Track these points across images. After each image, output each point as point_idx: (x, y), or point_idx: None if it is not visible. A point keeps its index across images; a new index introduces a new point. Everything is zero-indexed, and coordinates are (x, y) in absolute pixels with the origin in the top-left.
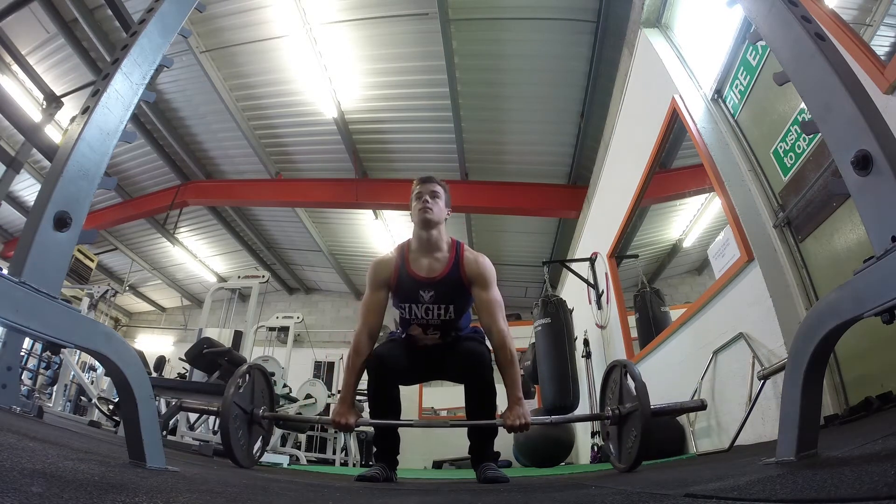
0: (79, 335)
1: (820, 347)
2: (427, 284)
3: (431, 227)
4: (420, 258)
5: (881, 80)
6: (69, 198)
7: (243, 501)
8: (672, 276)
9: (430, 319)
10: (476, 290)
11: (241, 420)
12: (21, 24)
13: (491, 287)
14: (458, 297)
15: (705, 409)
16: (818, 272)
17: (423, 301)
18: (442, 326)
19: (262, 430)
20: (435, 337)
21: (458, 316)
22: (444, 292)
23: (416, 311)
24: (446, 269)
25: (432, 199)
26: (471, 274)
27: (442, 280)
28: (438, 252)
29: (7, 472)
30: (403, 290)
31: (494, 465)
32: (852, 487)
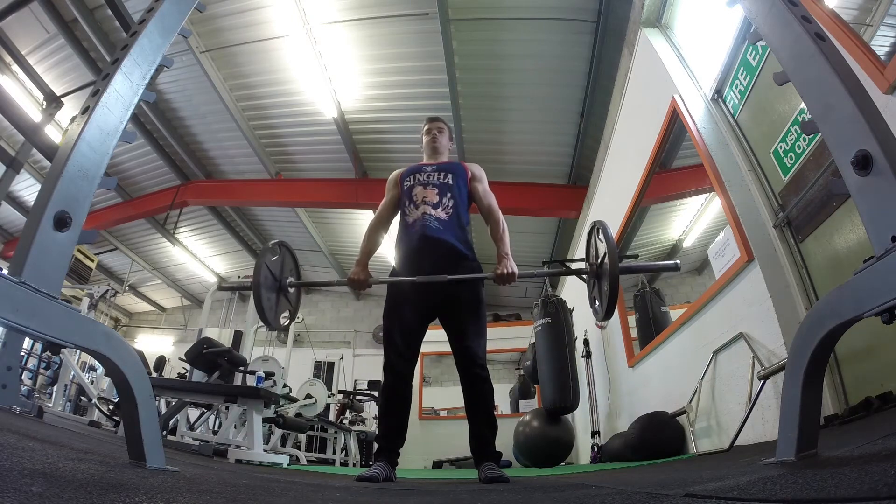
0: (79, 335)
1: (820, 347)
2: (431, 165)
3: (438, 152)
4: (428, 159)
5: (881, 80)
6: (69, 198)
7: (243, 501)
8: (672, 275)
9: (431, 180)
10: (474, 184)
11: (271, 286)
12: (21, 24)
13: (485, 181)
14: (457, 175)
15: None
16: (818, 272)
17: (426, 171)
18: (441, 186)
19: (287, 303)
20: (433, 193)
21: (455, 186)
22: (446, 168)
23: (419, 177)
24: (449, 161)
25: (439, 133)
26: (471, 170)
27: (445, 164)
28: (443, 157)
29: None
30: (410, 171)
31: (496, 465)
32: (852, 487)
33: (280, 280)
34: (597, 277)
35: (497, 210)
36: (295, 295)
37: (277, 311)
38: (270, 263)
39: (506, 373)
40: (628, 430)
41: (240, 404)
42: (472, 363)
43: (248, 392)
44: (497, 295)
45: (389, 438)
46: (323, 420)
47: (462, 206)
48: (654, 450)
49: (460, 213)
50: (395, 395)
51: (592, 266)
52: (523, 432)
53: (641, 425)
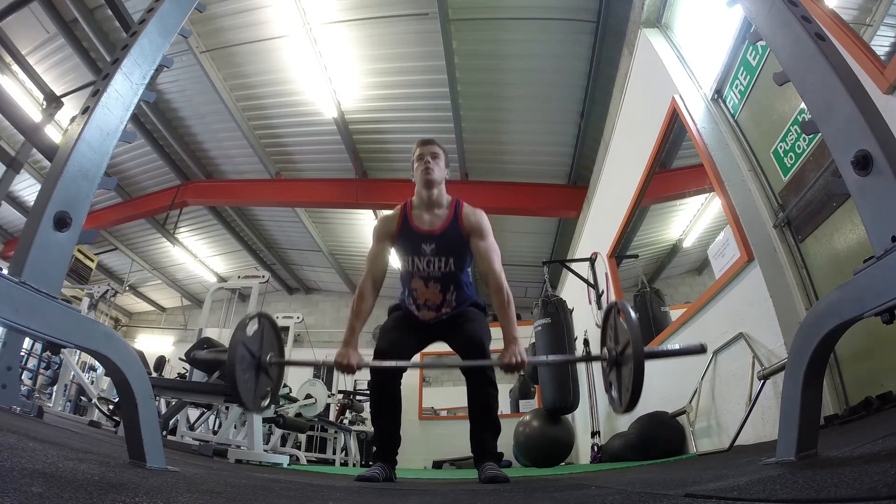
0: (79, 335)
1: (820, 347)
2: (428, 237)
3: (433, 186)
4: (422, 214)
5: (881, 80)
6: (69, 198)
7: (243, 501)
8: (672, 276)
9: (432, 272)
10: (474, 240)
11: (249, 364)
12: (21, 24)
13: (487, 236)
14: (458, 250)
15: (705, 352)
16: (818, 272)
17: (425, 254)
18: (443, 279)
19: (269, 381)
20: (436, 291)
21: (457, 269)
22: (445, 245)
23: (419, 264)
24: (446, 223)
25: (433, 160)
26: (469, 226)
27: (442, 233)
28: (439, 209)
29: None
30: (406, 243)
31: (496, 465)
32: (852, 487)
33: (259, 357)
34: (616, 365)
35: (499, 275)
36: (276, 371)
37: (257, 391)
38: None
39: None
40: (628, 430)
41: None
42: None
43: None
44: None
45: (386, 441)
46: (323, 420)
47: (467, 284)
48: (654, 450)
49: (463, 290)
50: (383, 396)
51: (612, 352)
52: (523, 432)
53: (641, 425)
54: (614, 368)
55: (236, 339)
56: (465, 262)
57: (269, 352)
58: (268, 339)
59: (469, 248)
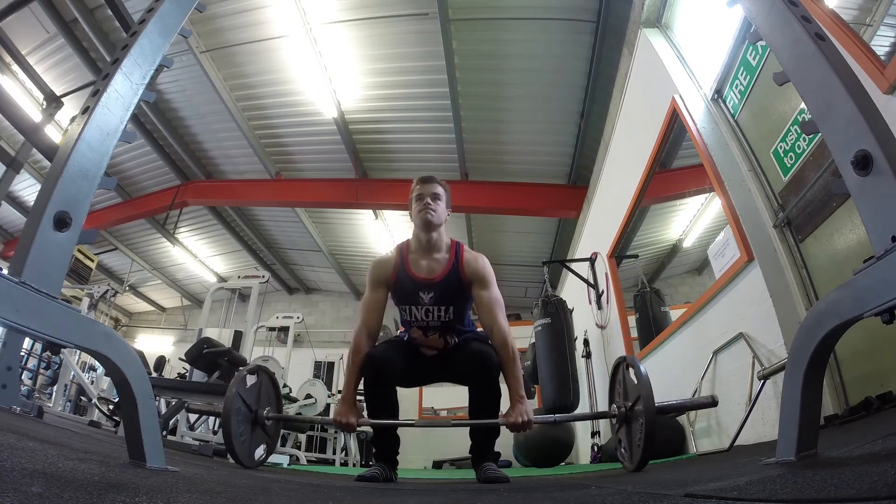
0: (79, 335)
1: (820, 347)
2: (426, 285)
3: (432, 229)
4: (420, 259)
5: (881, 80)
6: (69, 198)
7: (243, 502)
8: (672, 276)
9: (430, 321)
10: (476, 290)
11: (245, 418)
12: (21, 24)
13: (490, 286)
14: (458, 298)
15: (716, 405)
16: (818, 272)
17: (423, 303)
18: (442, 328)
19: (265, 436)
20: (436, 339)
21: (457, 317)
22: (444, 293)
23: (416, 314)
24: (446, 270)
25: (434, 201)
26: (470, 274)
27: (441, 281)
28: (438, 253)
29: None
30: (403, 291)
31: (495, 465)
32: (852, 487)
33: (256, 411)
34: (626, 421)
35: (504, 329)
36: (273, 427)
37: (252, 446)
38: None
39: None
40: None
41: None
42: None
43: None
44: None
45: (384, 442)
46: (323, 420)
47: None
48: (654, 450)
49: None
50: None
51: (621, 408)
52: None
53: None
54: (623, 425)
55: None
56: (466, 309)
57: (265, 406)
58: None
59: (469, 294)
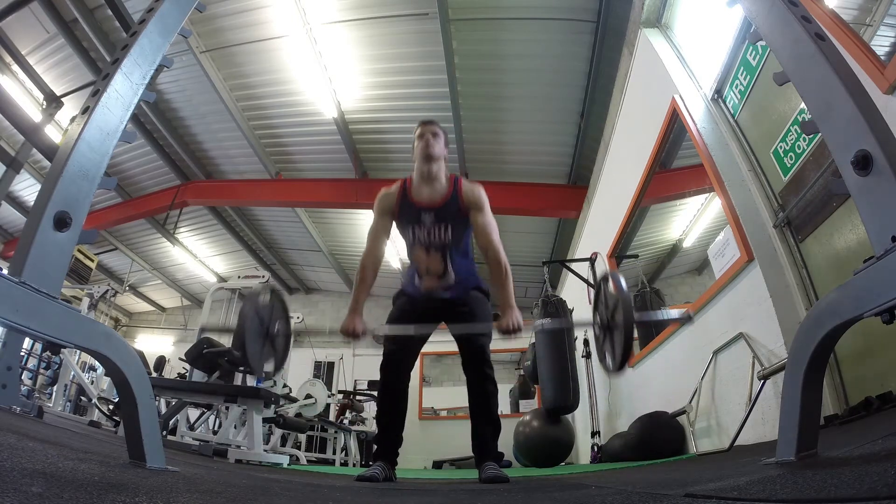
0: (79, 335)
1: (820, 347)
2: (427, 209)
3: (432, 160)
4: (421, 188)
5: (881, 80)
6: (69, 198)
7: (243, 501)
8: (672, 276)
9: (432, 240)
10: (473, 214)
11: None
12: (21, 24)
13: (486, 211)
14: (457, 220)
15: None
16: (818, 272)
17: (425, 224)
18: (443, 248)
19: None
20: (437, 259)
21: (456, 238)
22: (444, 216)
23: (419, 234)
24: (446, 197)
25: (434, 138)
26: (468, 200)
27: (442, 206)
28: (438, 183)
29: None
30: (406, 215)
31: (496, 465)
32: (852, 487)
33: (268, 326)
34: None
35: (498, 248)
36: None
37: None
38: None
39: (506, 373)
40: (628, 430)
41: (240, 404)
42: (482, 362)
43: (248, 392)
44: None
45: (388, 440)
46: (323, 420)
47: (467, 254)
48: (654, 450)
49: (465, 264)
50: (392, 395)
51: (603, 317)
52: (523, 432)
53: (641, 425)
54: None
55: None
56: (465, 233)
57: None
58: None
59: (467, 220)
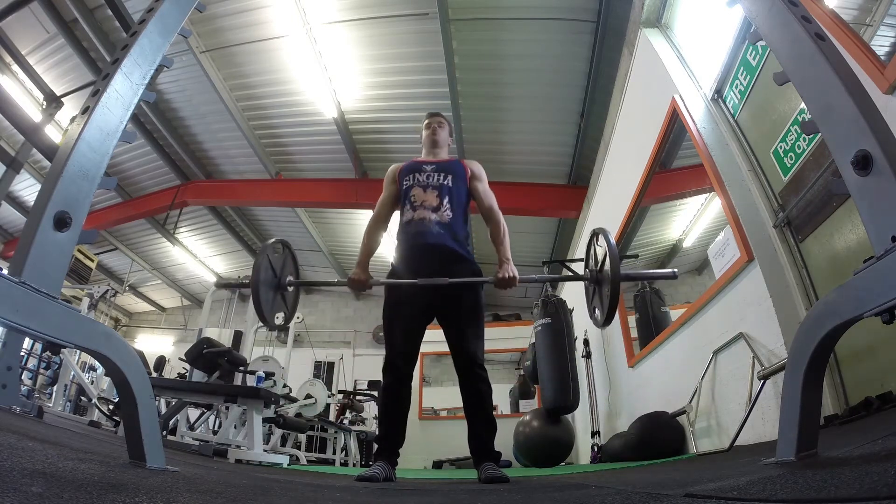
0: (79, 335)
1: (820, 347)
2: (430, 163)
3: (437, 145)
4: (427, 157)
5: (881, 80)
6: (69, 198)
7: (243, 501)
8: None
9: (430, 181)
10: (474, 182)
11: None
12: (21, 24)
13: (485, 181)
14: (457, 176)
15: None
16: (818, 272)
17: (426, 171)
18: (441, 189)
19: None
20: (433, 196)
21: (455, 187)
22: (445, 168)
23: (419, 177)
24: (449, 160)
25: (439, 127)
26: (470, 168)
27: (444, 163)
28: (442, 153)
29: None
30: (409, 171)
31: (495, 465)
32: (852, 487)
33: (280, 278)
34: (597, 283)
35: (497, 211)
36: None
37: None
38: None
39: (506, 373)
40: (628, 430)
41: (240, 404)
42: (472, 363)
43: (248, 392)
44: (497, 295)
45: (389, 439)
46: (323, 420)
47: (461, 209)
48: (654, 450)
49: (459, 216)
50: (394, 395)
51: (593, 272)
52: (523, 432)
53: (641, 425)
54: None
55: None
56: (463, 193)
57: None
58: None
59: (467, 184)
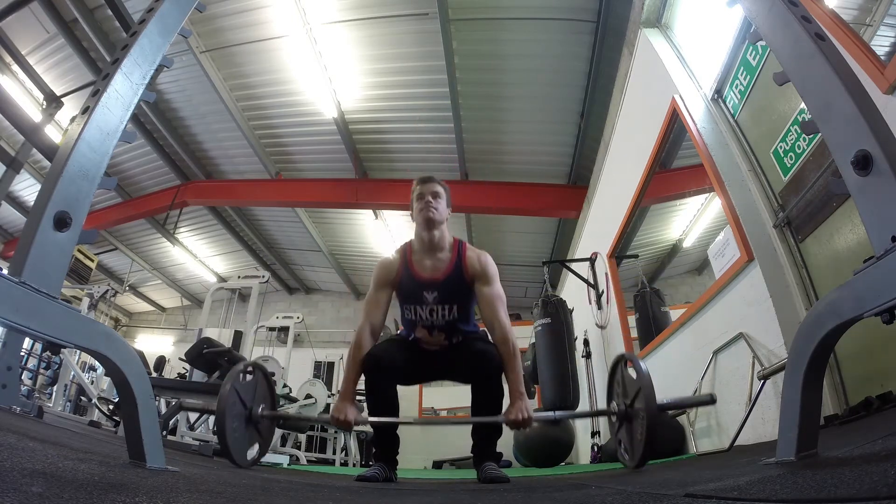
0: (79, 335)
1: (820, 347)
2: (430, 285)
3: (434, 227)
4: (423, 259)
5: (881, 80)
6: (69, 198)
7: (243, 501)
8: (672, 276)
9: (435, 321)
10: (478, 286)
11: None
12: (21, 24)
13: (493, 282)
14: (462, 297)
15: (714, 403)
16: (818, 272)
17: (427, 302)
18: (447, 328)
19: (258, 437)
20: (441, 338)
21: (462, 316)
22: (448, 292)
23: (421, 313)
24: (449, 269)
25: (434, 199)
26: (473, 272)
27: (445, 280)
28: (441, 252)
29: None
30: (407, 291)
31: (496, 465)
32: (852, 487)
33: (251, 408)
34: (627, 419)
35: (504, 324)
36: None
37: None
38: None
39: None
40: None
41: None
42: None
43: None
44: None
45: (384, 442)
46: (323, 420)
47: (469, 321)
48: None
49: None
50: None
51: (620, 406)
52: (523, 432)
53: None
54: (624, 423)
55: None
56: (470, 307)
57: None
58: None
59: (473, 292)
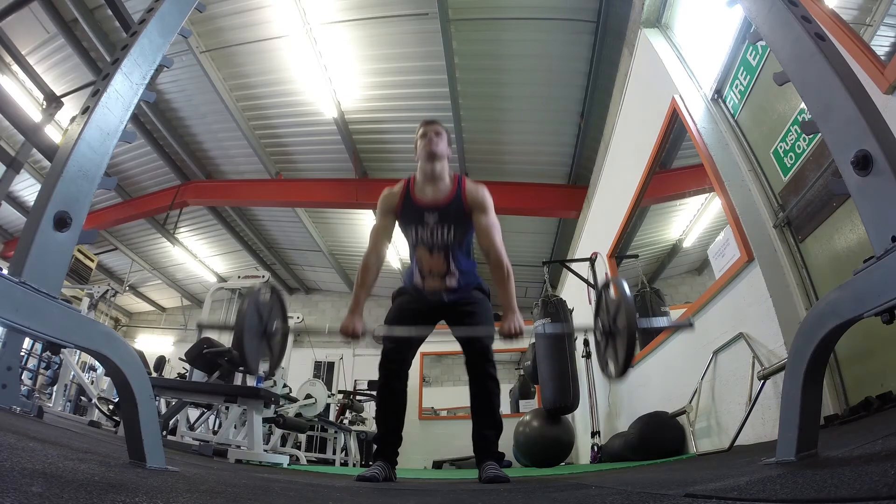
0: (79, 335)
1: (820, 347)
2: (431, 209)
3: (436, 159)
4: (425, 188)
5: (881, 80)
6: (69, 198)
7: (243, 501)
8: (672, 276)
9: (435, 241)
10: (476, 215)
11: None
12: (21, 24)
13: (489, 212)
14: (460, 221)
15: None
16: (818, 272)
17: (428, 224)
18: (446, 248)
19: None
20: (440, 260)
21: (458, 240)
22: (447, 216)
23: (422, 234)
24: (449, 197)
25: (436, 137)
26: (472, 201)
27: (445, 206)
28: (441, 183)
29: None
30: (409, 215)
31: (497, 465)
32: (852, 487)
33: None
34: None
35: (500, 250)
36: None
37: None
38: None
39: (506, 373)
40: (628, 430)
41: (240, 404)
42: (485, 361)
43: (248, 392)
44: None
45: (388, 439)
46: (323, 420)
47: (467, 254)
48: (654, 450)
49: (466, 263)
50: (391, 394)
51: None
52: (523, 432)
53: (641, 425)
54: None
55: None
56: (468, 234)
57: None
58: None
59: (470, 222)
